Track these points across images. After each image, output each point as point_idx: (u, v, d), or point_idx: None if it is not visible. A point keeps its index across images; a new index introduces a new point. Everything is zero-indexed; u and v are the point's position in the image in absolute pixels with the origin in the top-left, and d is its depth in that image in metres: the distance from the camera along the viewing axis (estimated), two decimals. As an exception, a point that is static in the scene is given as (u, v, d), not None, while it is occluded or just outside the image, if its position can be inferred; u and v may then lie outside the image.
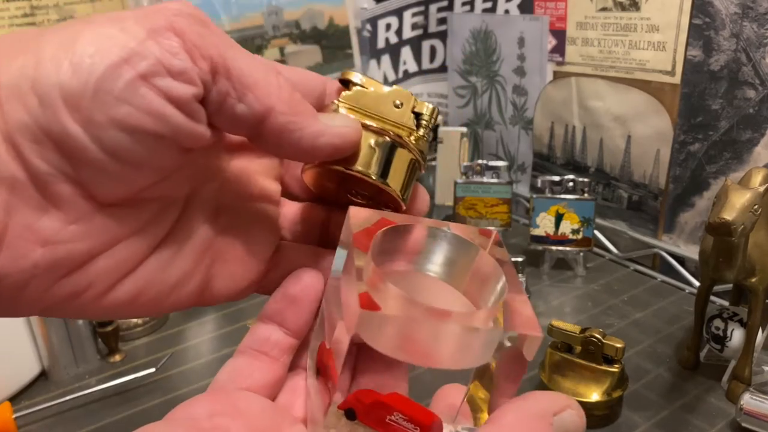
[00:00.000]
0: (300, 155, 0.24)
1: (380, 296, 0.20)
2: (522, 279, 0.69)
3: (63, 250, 0.20)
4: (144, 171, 0.21)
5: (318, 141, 0.23)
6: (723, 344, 0.56)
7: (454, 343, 0.21)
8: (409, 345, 0.20)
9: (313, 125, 0.23)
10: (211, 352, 0.64)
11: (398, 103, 0.26)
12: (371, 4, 0.96)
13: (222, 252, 0.25)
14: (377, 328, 0.20)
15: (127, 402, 0.57)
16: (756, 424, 0.49)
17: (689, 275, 0.74)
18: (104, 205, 0.21)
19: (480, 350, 0.21)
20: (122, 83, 0.19)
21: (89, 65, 0.19)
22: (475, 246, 0.24)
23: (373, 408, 0.22)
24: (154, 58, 0.19)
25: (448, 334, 0.20)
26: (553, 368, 0.54)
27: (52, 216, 0.20)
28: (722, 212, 0.45)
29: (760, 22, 0.62)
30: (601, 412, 0.52)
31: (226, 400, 0.23)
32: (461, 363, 0.21)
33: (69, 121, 0.19)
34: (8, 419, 0.52)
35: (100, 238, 0.21)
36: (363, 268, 0.21)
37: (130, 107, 0.19)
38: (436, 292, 0.24)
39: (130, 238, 0.22)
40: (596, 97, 0.81)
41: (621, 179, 0.81)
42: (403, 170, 0.26)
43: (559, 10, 0.83)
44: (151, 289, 0.23)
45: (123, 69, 0.19)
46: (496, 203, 0.82)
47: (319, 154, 0.23)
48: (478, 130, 1.02)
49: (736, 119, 0.66)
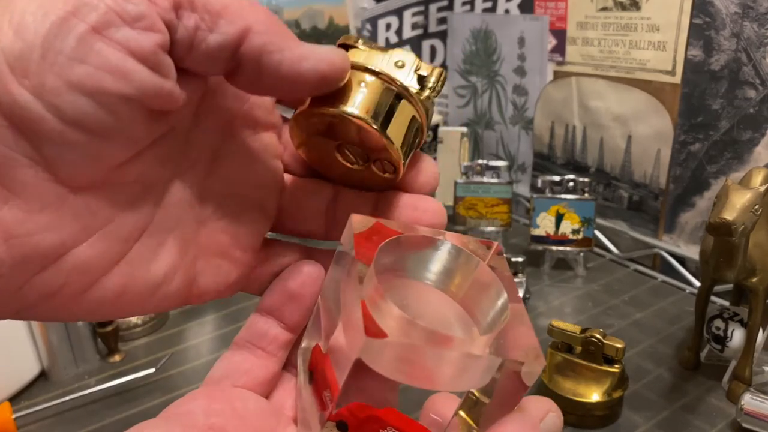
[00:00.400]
0: (281, 85, 0.21)
1: (380, 316, 0.20)
2: (522, 279, 0.69)
3: (30, 243, 0.18)
4: (113, 142, 0.18)
5: (301, 66, 0.20)
6: (723, 344, 0.56)
7: (455, 368, 0.20)
8: (408, 368, 0.20)
9: (295, 48, 0.20)
10: (210, 352, 0.64)
11: (400, 63, 0.24)
12: (371, 4, 0.96)
13: (208, 243, 0.23)
14: (379, 353, 0.19)
15: (127, 402, 0.56)
16: (756, 424, 0.49)
17: (690, 275, 0.74)
18: (74, 189, 0.18)
19: (479, 374, 0.21)
20: (73, 39, 0.17)
21: (32, 23, 0.16)
22: (475, 257, 0.23)
23: (367, 422, 0.22)
24: (105, 6, 0.17)
25: (449, 360, 0.20)
26: (554, 368, 0.54)
27: (13, 205, 0.17)
28: (723, 212, 0.45)
29: (760, 22, 0.62)
30: (601, 412, 0.51)
31: (223, 398, 0.22)
32: (460, 386, 0.21)
33: (18, 90, 0.16)
34: (8, 419, 0.52)
35: (73, 227, 0.19)
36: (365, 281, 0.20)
37: (86, 66, 0.17)
38: (433, 304, 0.24)
39: (106, 227, 0.20)
40: (597, 97, 0.81)
41: (621, 179, 0.81)
42: (404, 126, 0.23)
43: (559, 9, 0.83)
44: (134, 286, 0.21)
45: (72, 23, 0.17)
46: (496, 203, 0.82)
47: (302, 83, 0.20)
48: (479, 130, 1.02)
49: (736, 119, 0.66)
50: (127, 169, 0.20)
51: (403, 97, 0.23)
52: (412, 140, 0.24)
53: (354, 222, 0.22)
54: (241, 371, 0.24)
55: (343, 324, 0.21)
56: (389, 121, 0.23)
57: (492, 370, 0.21)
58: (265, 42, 0.19)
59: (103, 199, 0.19)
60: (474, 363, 0.20)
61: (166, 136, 0.21)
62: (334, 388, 0.21)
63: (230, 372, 0.24)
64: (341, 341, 0.21)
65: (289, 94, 0.22)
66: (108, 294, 0.20)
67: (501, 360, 0.20)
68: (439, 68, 0.24)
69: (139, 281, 0.21)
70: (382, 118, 0.23)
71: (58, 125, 0.17)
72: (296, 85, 0.20)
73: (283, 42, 0.20)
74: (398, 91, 0.23)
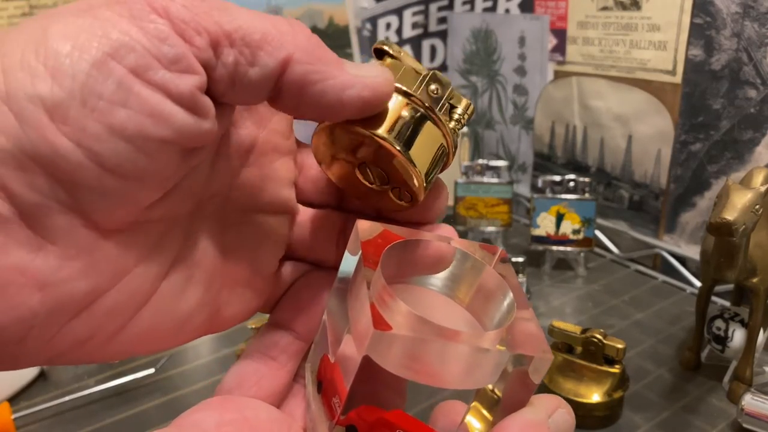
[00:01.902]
0: (323, 112, 0.20)
1: (389, 314, 0.20)
2: (523, 279, 0.69)
3: (64, 291, 0.17)
4: (148, 184, 0.18)
5: (345, 94, 0.19)
6: (724, 345, 0.56)
7: (463, 364, 0.20)
8: (416, 364, 0.20)
9: (339, 75, 0.19)
10: (210, 352, 0.64)
11: (435, 89, 0.23)
12: (371, 4, 0.96)
13: (231, 273, 0.23)
14: (387, 348, 0.19)
15: (126, 403, 0.56)
16: (757, 424, 0.49)
17: (690, 275, 0.74)
18: (105, 234, 0.18)
19: (488, 371, 0.21)
20: (113, 83, 0.16)
21: (69, 66, 0.16)
22: (481, 262, 0.23)
23: (376, 426, 0.21)
24: (142, 47, 0.17)
25: (457, 355, 0.20)
26: (554, 369, 0.54)
27: (48, 253, 0.17)
28: (723, 212, 0.45)
29: (761, 22, 0.62)
30: (601, 412, 0.51)
31: (234, 408, 0.22)
32: (468, 383, 0.21)
33: (58, 138, 0.16)
34: (7, 420, 0.52)
35: (105, 272, 0.18)
36: (372, 284, 0.20)
37: (128, 110, 0.16)
38: (440, 309, 0.24)
39: (137, 267, 0.19)
40: (597, 97, 0.81)
41: (622, 179, 0.81)
42: (430, 151, 0.23)
43: (559, 9, 0.82)
44: (163, 323, 0.21)
45: (110, 65, 0.16)
46: (496, 203, 0.82)
47: (345, 110, 0.20)
48: (479, 129, 1.02)
49: (737, 119, 0.66)
50: (156, 207, 0.19)
51: (431, 121, 0.23)
52: (435, 166, 0.23)
53: (360, 228, 0.22)
54: (252, 381, 0.23)
55: (352, 326, 0.21)
56: (412, 143, 0.22)
57: (501, 366, 0.21)
58: (308, 71, 0.19)
59: (132, 240, 0.19)
60: (483, 358, 0.20)
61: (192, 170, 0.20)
62: (342, 393, 0.21)
63: (241, 382, 0.23)
64: (349, 348, 0.20)
65: (330, 118, 0.21)
66: (138, 334, 0.20)
67: (509, 354, 0.20)
68: (467, 100, 0.24)
69: (167, 318, 0.21)
70: (407, 141, 0.22)
71: (96, 171, 0.17)
72: (339, 111, 0.20)
73: (326, 69, 0.19)
74: (427, 114, 0.23)
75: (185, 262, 0.21)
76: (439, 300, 0.24)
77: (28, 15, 0.70)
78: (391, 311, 0.20)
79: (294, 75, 0.19)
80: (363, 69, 0.20)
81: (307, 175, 0.25)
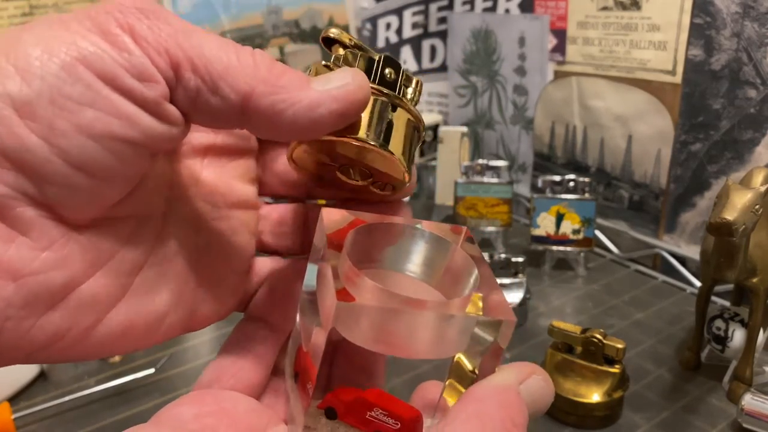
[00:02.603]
0: (301, 134, 0.21)
1: (356, 290, 0.20)
2: (522, 279, 0.69)
3: (38, 282, 0.18)
4: (113, 183, 0.19)
5: (316, 114, 0.20)
6: (724, 345, 0.56)
7: (431, 332, 0.21)
8: (386, 336, 0.20)
9: (305, 96, 0.19)
10: (210, 352, 0.64)
11: (389, 72, 0.23)
12: (371, 4, 0.96)
13: (205, 271, 0.24)
14: (354, 321, 0.20)
15: (126, 403, 0.56)
16: (757, 424, 0.49)
17: (690, 275, 0.74)
18: (76, 228, 0.19)
19: (456, 338, 0.21)
20: (82, 86, 0.17)
21: (39, 68, 0.17)
22: (448, 242, 0.24)
23: (354, 405, 0.22)
24: (109, 57, 0.17)
25: (425, 324, 0.20)
26: (554, 369, 0.54)
27: (20, 245, 0.17)
28: (723, 212, 0.45)
29: (761, 22, 0.62)
30: (601, 412, 0.51)
31: (212, 400, 0.22)
32: (438, 352, 0.21)
33: (26, 133, 0.17)
34: (7, 420, 0.52)
35: (78, 264, 0.19)
36: (338, 267, 0.20)
37: (95, 111, 0.17)
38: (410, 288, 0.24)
39: (110, 261, 0.20)
40: (597, 97, 0.81)
41: (622, 179, 0.81)
42: (405, 136, 0.23)
43: (559, 9, 0.82)
44: (139, 320, 0.21)
45: (79, 70, 0.17)
46: (496, 203, 0.82)
47: (320, 128, 0.20)
48: (479, 129, 1.02)
49: (737, 119, 0.66)
50: (123, 205, 0.20)
51: (399, 107, 0.23)
52: (413, 147, 0.24)
53: (327, 219, 0.23)
54: (230, 374, 0.24)
55: (319, 307, 0.21)
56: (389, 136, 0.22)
57: (467, 333, 0.21)
58: (274, 101, 0.19)
59: (104, 235, 0.20)
60: (450, 325, 0.21)
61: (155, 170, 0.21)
62: (312, 373, 0.21)
63: (219, 376, 0.24)
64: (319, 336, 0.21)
65: (310, 137, 0.22)
66: (115, 330, 0.20)
67: (476, 318, 0.21)
68: (416, 78, 0.24)
69: (143, 315, 0.21)
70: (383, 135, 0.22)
71: (63, 168, 0.17)
72: (315, 130, 0.20)
73: (291, 95, 0.19)
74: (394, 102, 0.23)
75: (158, 259, 0.22)
76: (409, 281, 0.24)
77: (29, 15, 0.70)
78: (358, 287, 0.20)
79: (261, 107, 0.19)
80: (331, 81, 0.20)
81: (272, 170, 0.26)
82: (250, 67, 0.19)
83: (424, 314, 0.20)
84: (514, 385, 0.21)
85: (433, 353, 0.21)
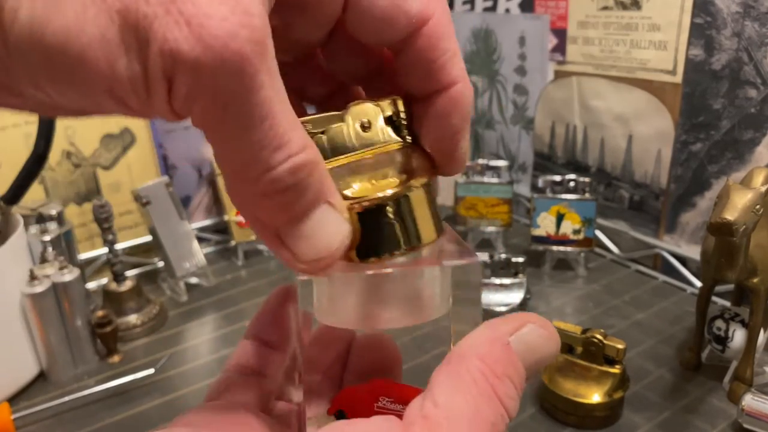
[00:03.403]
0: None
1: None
2: (523, 280, 0.68)
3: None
4: None
5: (296, 267, 0.19)
6: (724, 345, 0.56)
7: (405, 295, 0.20)
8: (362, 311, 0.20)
9: (283, 254, 0.18)
10: (210, 352, 0.64)
11: (365, 122, 0.20)
12: (371, 4, 0.96)
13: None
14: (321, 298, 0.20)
15: (126, 403, 0.56)
16: (757, 425, 0.49)
17: (691, 275, 0.74)
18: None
19: (432, 295, 0.21)
20: None
21: None
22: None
23: (359, 400, 0.22)
24: None
25: (396, 287, 0.20)
26: (554, 369, 0.53)
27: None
28: (724, 212, 0.45)
29: (761, 22, 0.62)
30: (602, 413, 0.51)
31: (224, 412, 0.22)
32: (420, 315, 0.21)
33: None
34: (7, 420, 0.52)
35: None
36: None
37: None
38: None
39: None
40: (597, 97, 0.81)
41: (622, 179, 0.81)
42: (426, 211, 0.21)
43: (560, 9, 0.82)
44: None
45: None
46: (496, 203, 0.81)
47: (308, 271, 0.19)
48: (479, 129, 1.02)
49: (737, 119, 0.66)
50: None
51: (405, 196, 0.20)
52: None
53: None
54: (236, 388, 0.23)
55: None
56: (416, 228, 0.20)
57: (440, 286, 0.21)
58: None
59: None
60: (421, 282, 0.20)
61: None
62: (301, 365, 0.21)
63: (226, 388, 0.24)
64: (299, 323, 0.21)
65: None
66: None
67: (438, 266, 0.20)
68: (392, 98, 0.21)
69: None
70: (411, 234, 0.20)
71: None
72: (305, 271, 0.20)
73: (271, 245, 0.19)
74: (399, 197, 0.20)
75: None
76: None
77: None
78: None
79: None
80: (301, 244, 0.18)
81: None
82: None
83: (392, 277, 0.20)
84: (502, 336, 0.19)
85: (415, 317, 0.21)
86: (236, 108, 0.16)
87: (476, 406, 0.18)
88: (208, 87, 0.15)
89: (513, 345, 0.19)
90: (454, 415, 0.17)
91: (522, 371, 0.19)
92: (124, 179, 0.80)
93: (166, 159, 0.84)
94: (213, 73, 0.15)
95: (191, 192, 0.87)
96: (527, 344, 0.19)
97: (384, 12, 0.19)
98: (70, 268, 0.60)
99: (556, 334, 0.20)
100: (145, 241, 0.82)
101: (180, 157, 0.85)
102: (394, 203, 0.20)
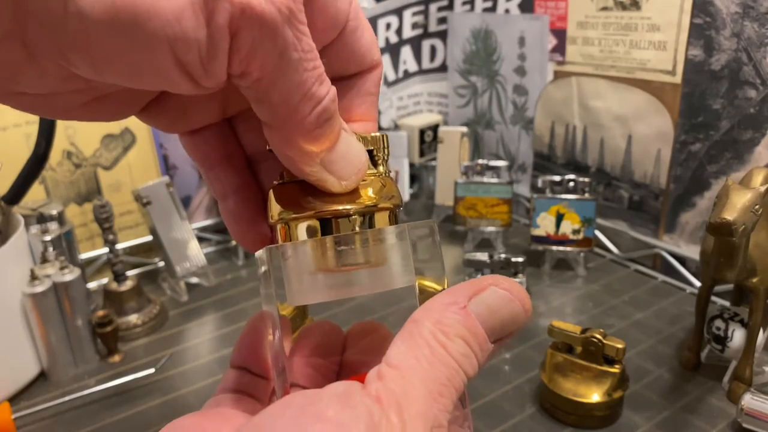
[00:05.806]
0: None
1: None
2: (522, 279, 0.69)
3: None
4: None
5: (338, 187, 0.22)
6: (724, 345, 0.56)
7: (368, 260, 0.22)
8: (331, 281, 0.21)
9: (328, 180, 0.21)
10: (210, 352, 0.64)
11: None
12: (371, 4, 0.96)
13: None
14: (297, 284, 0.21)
15: (127, 403, 0.56)
16: (757, 424, 0.49)
17: (690, 275, 0.74)
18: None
19: (396, 260, 0.22)
20: None
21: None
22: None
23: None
24: None
25: (358, 251, 0.21)
26: (554, 369, 0.54)
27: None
28: (723, 212, 0.45)
29: (761, 22, 0.62)
30: (601, 412, 0.51)
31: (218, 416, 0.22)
32: (387, 280, 0.22)
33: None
34: (7, 420, 0.52)
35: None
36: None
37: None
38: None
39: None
40: (597, 97, 0.81)
41: (622, 179, 0.81)
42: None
43: (559, 9, 0.82)
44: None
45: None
46: (496, 203, 0.82)
47: (351, 187, 0.22)
48: (479, 129, 1.02)
49: (737, 119, 0.66)
50: None
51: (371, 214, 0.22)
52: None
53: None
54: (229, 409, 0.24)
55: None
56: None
57: (396, 250, 0.22)
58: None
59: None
60: (375, 247, 0.22)
61: None
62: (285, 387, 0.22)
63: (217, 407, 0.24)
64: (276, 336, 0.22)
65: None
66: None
67: (402, 227, 0.22)
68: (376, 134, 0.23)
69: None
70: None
71: None
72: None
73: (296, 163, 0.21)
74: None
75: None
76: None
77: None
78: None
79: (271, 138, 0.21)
80: (345, 158, 0.22)
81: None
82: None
83: (350, 238, 0.21)
84: (459, 300, 0.20)
85: (379, 282, 0.22)
86: (289, 54, 0.18)
87: (429, 364, 0.19)
88: (269, 37, 0.17)
89: (472, 307, 0.20)
90: (407, 373, 0.18)
91: (480, 331, 0.20)
92: (124, 179, 0.80)
93: (166, 159, 0.84)
94: (274, 24, 0.17)
95: (192, 192, 0.87)
96: (488, 306, 0.20)
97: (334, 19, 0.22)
98: (71, 267, 0.61)
99: (521, 295, 0.21)
100: (146, 241, 0.82)
101: (180, 157, 0.85)
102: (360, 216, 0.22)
